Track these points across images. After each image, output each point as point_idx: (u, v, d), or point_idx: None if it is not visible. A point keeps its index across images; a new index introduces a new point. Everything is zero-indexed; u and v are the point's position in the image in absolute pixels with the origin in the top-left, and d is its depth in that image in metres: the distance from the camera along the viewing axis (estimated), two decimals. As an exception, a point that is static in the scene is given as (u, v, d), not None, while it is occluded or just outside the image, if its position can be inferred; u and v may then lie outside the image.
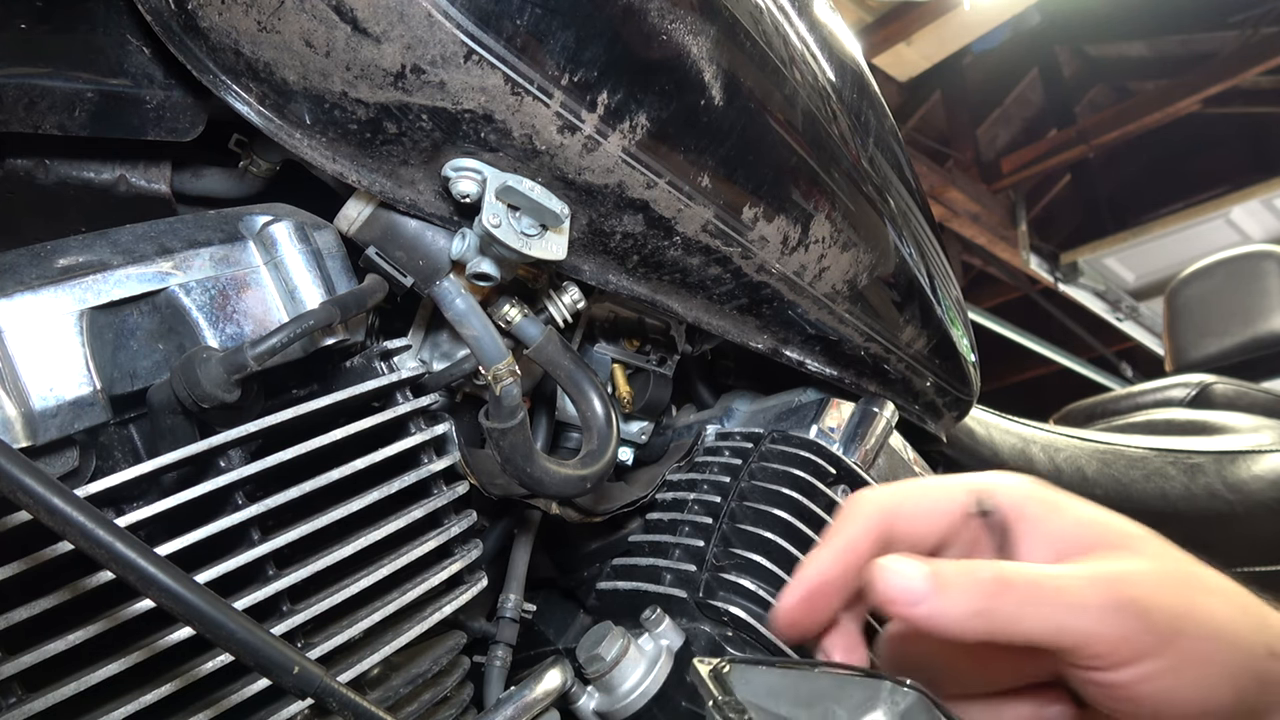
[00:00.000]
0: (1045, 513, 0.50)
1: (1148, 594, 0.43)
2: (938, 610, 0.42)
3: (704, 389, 1.06)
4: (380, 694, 0.59)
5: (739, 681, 0.45)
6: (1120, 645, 0.42)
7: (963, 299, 1.08)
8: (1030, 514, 0.49)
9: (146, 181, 0.65)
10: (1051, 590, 0.43)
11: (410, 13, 0.52)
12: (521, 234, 0.60)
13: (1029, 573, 0.44)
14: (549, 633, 0.90)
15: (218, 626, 0.40)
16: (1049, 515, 0.49)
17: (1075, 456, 1.41)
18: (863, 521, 0.50)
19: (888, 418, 0.91)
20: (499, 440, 0.65)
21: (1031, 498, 0.50)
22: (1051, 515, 0.49)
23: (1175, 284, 2.64)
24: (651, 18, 0.59)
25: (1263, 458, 1.46)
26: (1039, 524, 0.49)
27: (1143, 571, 0.45)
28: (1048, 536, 0.49)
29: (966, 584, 0.43)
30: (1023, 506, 0.50)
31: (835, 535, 0.49)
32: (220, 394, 0.52)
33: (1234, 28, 4.68)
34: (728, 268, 0.74)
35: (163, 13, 0.54)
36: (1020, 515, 0.50)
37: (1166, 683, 0.43)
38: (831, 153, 0.77)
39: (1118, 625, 0.42)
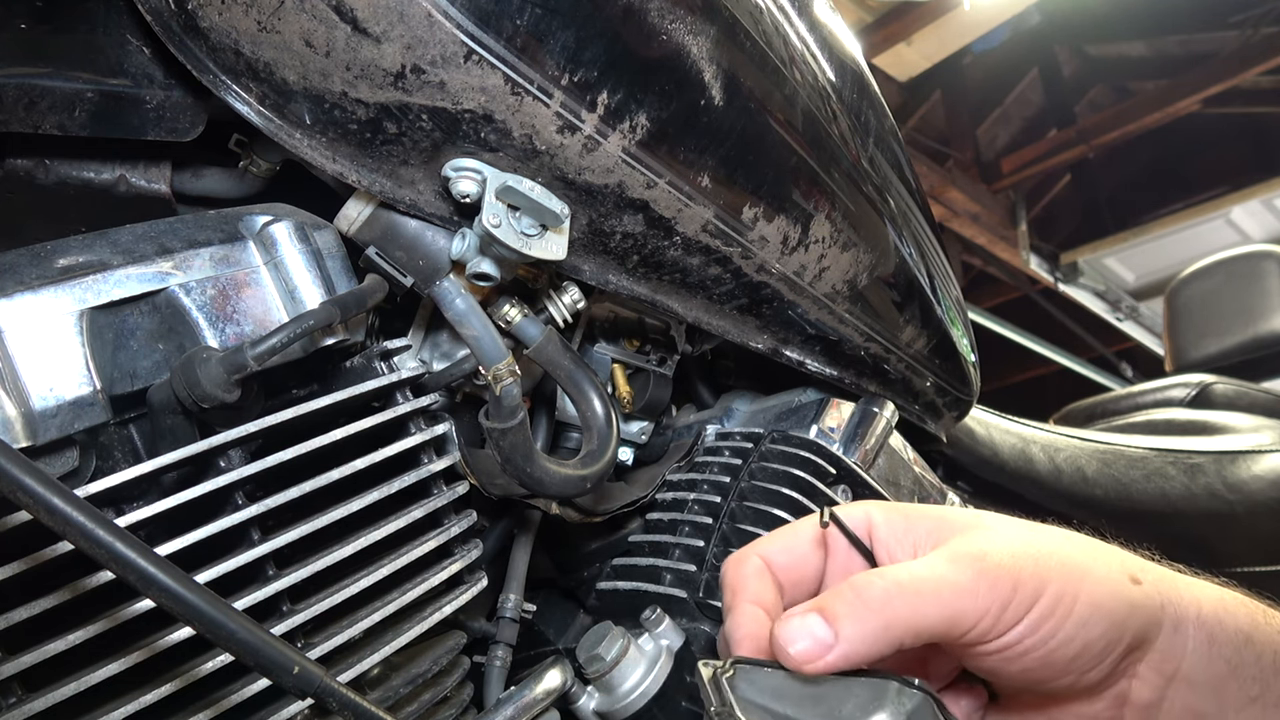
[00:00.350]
0: (895, 517, 0.53)
1: (1007, 556, 0.46)
2: (850, 646, 0.44)
3: (704, 389, 1.06)
4: (380, 694, 0.59)
5: (744, 682, 0.45)
6: (1002, 612, 0.45)
7: (963, 299, 1.08)
8: (881, 522, 0.53)
9: (146, 181, 0.65)
10: (932, 584, 0.45)
11: (410, 13, 0.52)
12: (521, 234, 0.60)
13: (905, 574, 0.46)
14: (549, 633, 0.90)
15: (218, 626, 0.40)
16: (898, 519, 0.53)
17: (1075, 456, 1.41)
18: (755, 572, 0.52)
19: (888, 418, 0.91)
20: (499, 440, 0.65)
21: (878, 508, 0.54)
22: (900, 519, 0.53)
23: (1175, 284, 2.64)
24: (651, 18, 0.59)
25: (1263, 458, 1.46)
26: (892, 529, 0.52)
27: (996, 541, 0.48)
28: (902, 538, 0.52)
29: (860, 608, 0.45)
30: (872, 517, 0.53)
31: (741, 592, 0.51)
32: (220, 394, 0.52)
33: (1234, 28, 4.68)
34: (728, 268, 0.74)
35: (163, 13, 0.54)
36: (874, 524, 0.53)
37: (1045, 630, 0.45)
38: (831, 153, 0.77)
39: (996, 593, 0.45)
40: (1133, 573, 0.48)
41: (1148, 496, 1.39)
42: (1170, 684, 0.48)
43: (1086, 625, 0.45)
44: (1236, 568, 1.38)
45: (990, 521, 0.51)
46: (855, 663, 0.44)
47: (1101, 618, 0.45)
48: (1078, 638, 0.45)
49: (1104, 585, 0.46)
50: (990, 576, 0.45)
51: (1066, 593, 0.45)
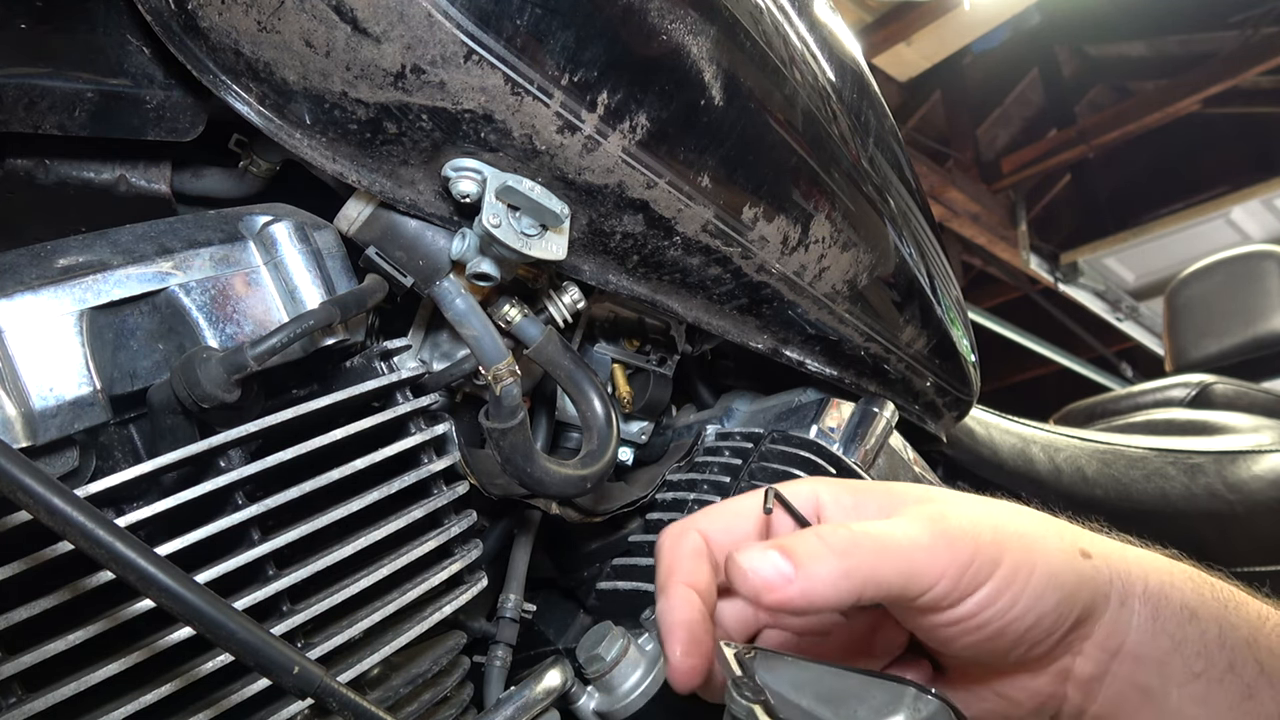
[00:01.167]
0: (843, 492, 0.51)
1: (967, 523, 0.46)
2: (809, 584, 0.43)
3: (704, 389, 1.06)
4: (380, 694, 0.59)
5: (763, 669, 0.45)
6: (961, 576, 0.44)
7: (963, 299, 1.08)
8: (830, 499, 0.51)
9: (146, 181, 0.65)
10: (895, 539, 0.44)
11: (410, 13, 0.52)
12: (521, 234, 0.60)
13: (872, 526, 0.45)
14: (549, 633, 0.90)
15: (218, 626, 0.40)
16: (847, 493, 0.51)
17: (1075, 456, 1.41)
18: (690, 549, 0.50)
19: (888, 418, 0.91)
20: (499, 440, 0.65)
21: (825, 484, 0.52)
22: (849, 493, 0.51)
23: (1175, 284, 2.64)
24: (651, 18, 0.59)
25: (1263, 458, 1.46)
26: (840, 504, 0.51)
27: (955, 510, 0.47)
28: (851, 511, 0.50)
29: (823, 550, 0.43)
30: (820, 493, 0.51)
31: (674, 572, 0.49)
32: (220, 394, 0.52)
33: (1234, 28, 4.68)
34: (728, 268, 0.74)
35: (163, 13, 0.54)
36: (822, 503, 0.51)
37: (1004, 601, 0.45)
38: (831, 153, 0.77)
39: (955, 555, 0.44)
40: (1083, 546, 0.48)
41: (1148, 496, 1.39)
42: (1114, 658, 0.48)
43: (1041, 598, 0.45)
44: (1236, 568, 1.37)
45: (940, 494, 0.50)
46: (814, 604, 0.43)
47: (1054, 589, 0.45)
48: (1033, 610, 0.45)
49: (1057, 557, 0.46)
50: (949, 538, 0.44)
51: (1023, 564, 0.45)
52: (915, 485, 0.52)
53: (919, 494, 0.50)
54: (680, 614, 0.47)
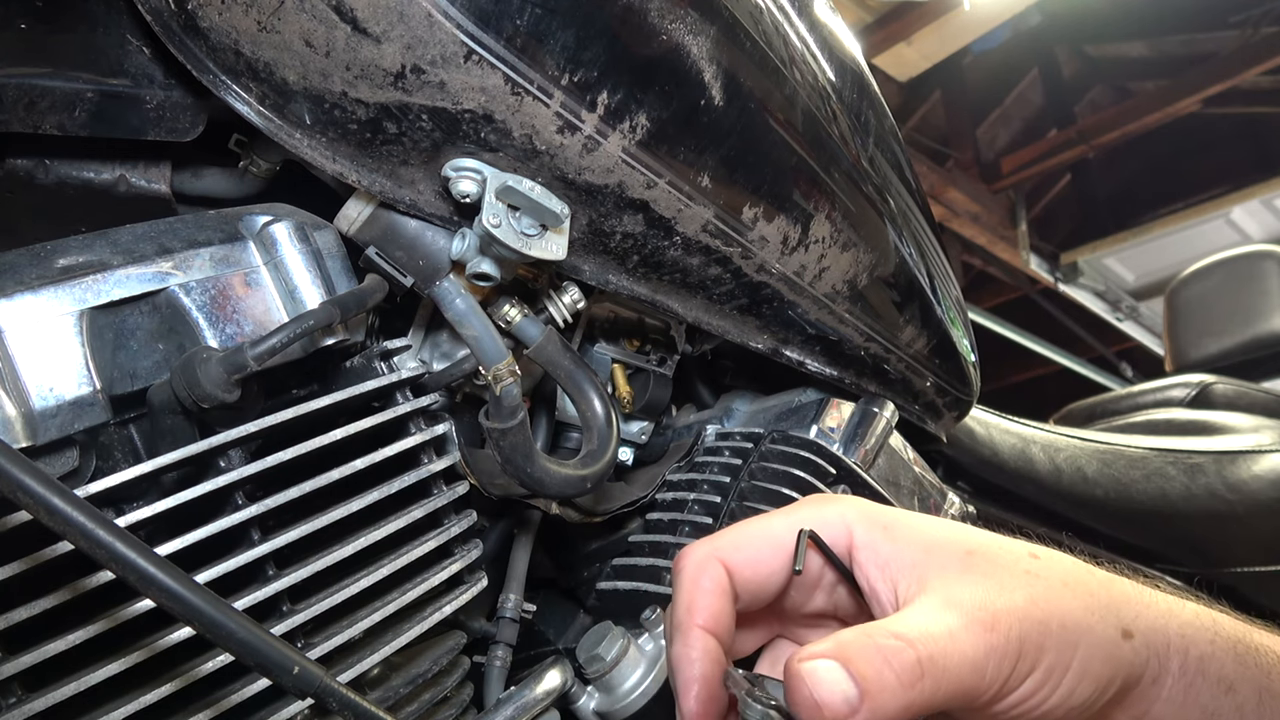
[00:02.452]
0: (879, 538, 0.49)
1: (1016, 623, 0.44)
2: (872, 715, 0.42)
3: (704, 389, 1.06)
4: (380, 694, 0.59)
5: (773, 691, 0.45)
6: (1006, 681, 0.44)
7: (963, 299, 1.08)
8: (864, 541, 0.49)
9: (146, 181, 0.65)
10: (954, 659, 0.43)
11: (410, 13, 0.52)
12: (521, 234, 0.60)
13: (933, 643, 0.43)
14: (549, 633, 0.90)
15: (218, 626, 0.40)
16: (883, 539, 0.49)
17: (1075, 456, 1.41)
18: (712, 584, 0.48)
19: (888, 418, 0.91)
20: (499, 440, 0.65)
21: (862, 521, 0.50)
22: (885, 539, 0.49)
23: (1175, 284, 2.64)
24: (651, 18, 0.59)
25: (1263, 458, 1.46)
26: (875, 552, 0.49)
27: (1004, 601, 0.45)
28: (886, 563, 0.48)
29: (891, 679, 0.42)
30: (855, 533, 0.50)
31: (692, 612, 0.48)
32: (220, 394, 0.52)
33: (1234, 28, 4.68)
34: (728, 268, 0.74)
35: (163, 13, 0.54)
36: (855, 544, 0.50)
37: (1038, 698, 0.44)
38: (831, 153, 0.77)
39: (1003, 669, 0.43)
40: (1126, 625, 0.47)
41: (1148, 496, 1.39)
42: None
43: (1074, 694, 0.45)
44: (1236, 568, 1.38)
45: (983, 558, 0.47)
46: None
47: (1089, 685, 0.45)
48: (1066, 702, 0.45)
49: (1098, 649, 0.45)
50: (999, 652, 0.43)
51: (1061, 664, 0.44)
52: (957, 532, 0.49)
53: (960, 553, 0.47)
54: (700, 668, 0.46)
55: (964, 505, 1.00)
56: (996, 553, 0.48)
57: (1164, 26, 4.97)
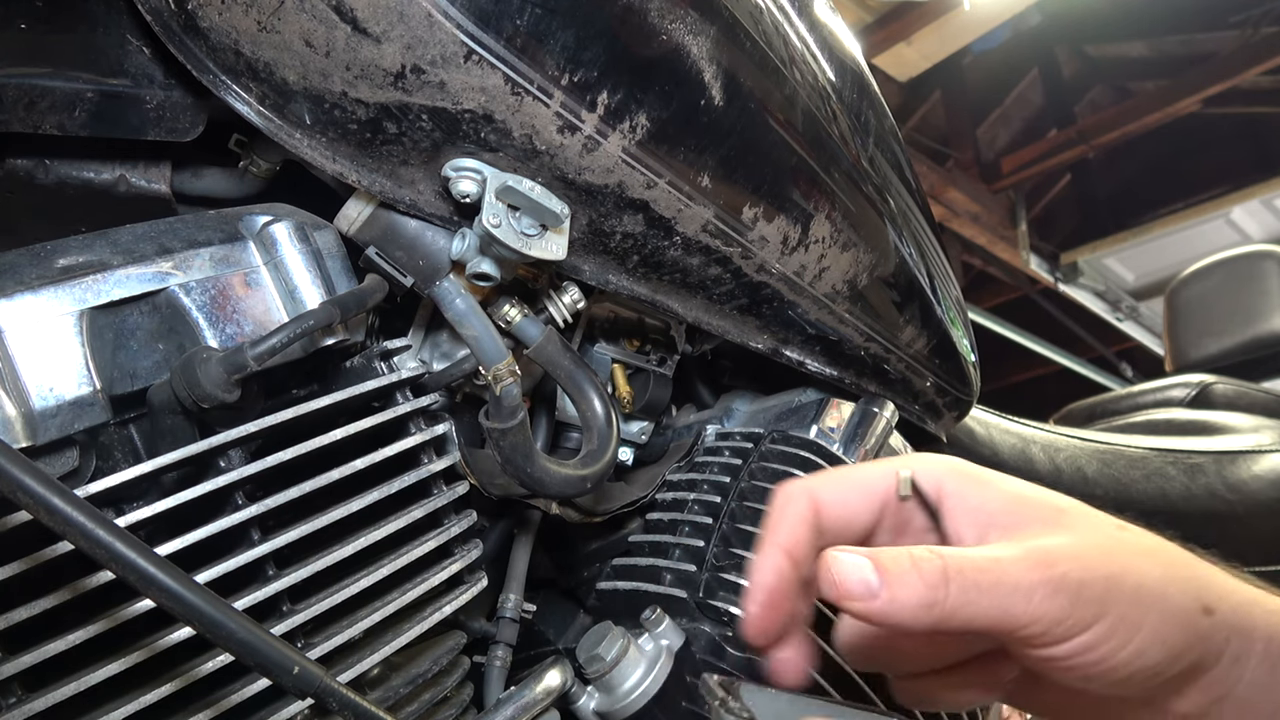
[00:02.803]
0: (970, 488, 0.50)
1: (1078, 568, 0.45)
2: (890, 605, 0.43)
3: (704, 389, 1.06)
4: (380, 694, 0.59)
5: (748, 698, 0.45)
6: (1056, 624, 0.44)
7: (963, 299, 1.08)
8: (953, 490, 0.51)
9: (146, 181, 0.65)
10: (991, 577, 0.44)
11: (410, 13, 0.52)
12: (521, 234, 0.60)
13: (968, 560, 0.45)
14: (549, 633, 0.90)
15: (218, 626, 0.40)
16: (974, 490, 0.50)
17: (1075, 456, 1.41)
18: (796, 513, 0.51)
19: (888, 418, 0.91)
20: (499, 440, 0.65)
21: (954, 473, 0.51)
22: (976, 490, 0.50)
23: (1175, 284, 2.64)
24: (651, 18, 0.59)
25: (1263, 458, 1.45)
26: (964, 500, 0.50)
27: (1071, 546, 0.46)
28: (974, 512, 0.50)
29: (914, 578, 0.44)
30: (945, 483, 0.51)
31: (774, 532, 0.51)
32: (220, 394, 0.52)
33: (1234, 28, 4.68)
34: (728, 268, 0.74)
35: (163, 13, 0.54)
36: (944, 493, 0.51)
37: (1100, 652, 0.44)
38: (831, 153, 0.77)
39: (1053, 605, 0.43)
40: (1207, 602, 0.46)
41: (1148, 496, 1.39)
42: (1216, 704, 0.47)
43: (1143, 655, 0.44)
44: (1236, 568, 1.38)
45: (1073, 517, 0.48)
46: (893, 624, 0.44)
47: (1159, 650, 0.44)
48: (1132, 664, 0.44)
49: (1173, 617, 0.45)
50: (1051, 585, 0.44)
51: (1129, 622, 0.44)
52: (1047, 495, 0.50)
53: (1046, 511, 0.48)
54: (763, 576, 0.49)
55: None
56: (1086, 513, 0.49)
57: (1164, 26, 4.97)
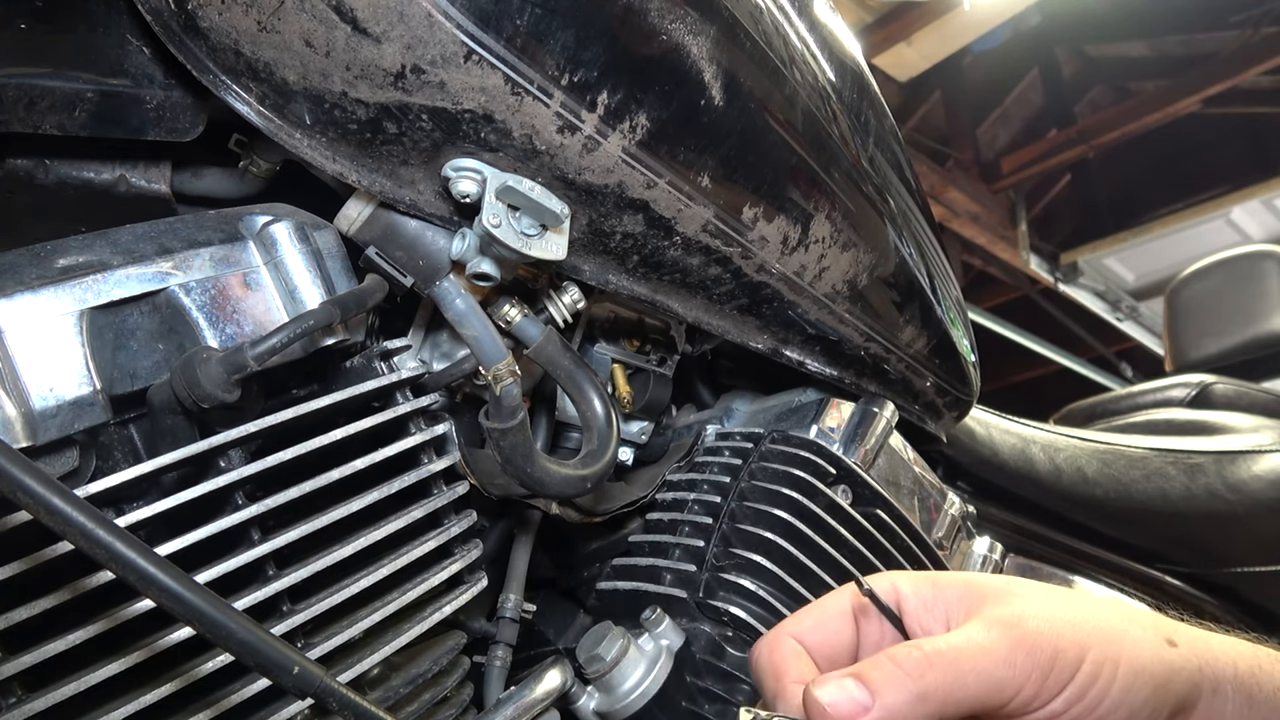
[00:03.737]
0: (923, 586, 0.51)
1: (1044, 623, 0.45)
2: (886, 713, 0.43)
3: (704, 389, 1.06)
4: (380, 694, 0.59)
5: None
6: (1045, 679, 0.44)
7: (963, 299, 1.08)
8: (910, 592, 0.51)
9: (146, 181, 0.65)
10: (970, 653, 0.44)
11: (410, 13, 0.52)
12: (521, 234, 0.60)
13: (945, 642, 0.45)
14: (549, 633, 0.90)
15: (218, 626, 0.40)
16: (927, 588, 0.51)
17: (1075, 456, 1.41)
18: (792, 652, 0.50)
19: (888, 418, 0.91)
20: (499, 440, 0.65)
21: (906, 577, 0.52)
22: (928, 587, 0.51)
23: (1175, 284, 2.64)
24: (651, 18, 0.59)
25: (1263, 458, 1.45)
26: (921, 598, 0.51)
27: (1033, 609, 0.46)
28: (932, 607, 0.50)
29: (899, 676, 0.43)
30: (900, 587, 0.52)
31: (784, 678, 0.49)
32: (220, 394, 0.52)
33: (1234, 28, 4.68)
34: (728, 268, 0.74)
35: (163, 13, 0.54)
36: (902, 595, 0.52)
37: (1093, 696, 0.44)
38: (831, 153, 0.77)
39: (1035, 663, 0.44)
40: (1167, 635, 0.47)
41: (1148, 496, 1.39)
42: None
43: (1131, 691, 0.44)
44: (1236, 568, 1.38)
45: (1020, 588, 0.49)
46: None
47: (1145, 683, 0.45)
48: (1123, 705, 0.44)
49: (1143, 649, 0.45)
50: (1028, 644, 0.44)
51: (1108, 658, 0.44)
52: (993, 578, 0.52)
53: (996, 588, 0.49)
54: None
55: (964, 505, 1.00)
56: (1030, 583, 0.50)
57: (1164, 26, 4.97)
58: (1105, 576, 1.33)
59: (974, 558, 1.01)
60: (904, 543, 0.87)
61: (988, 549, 1.02)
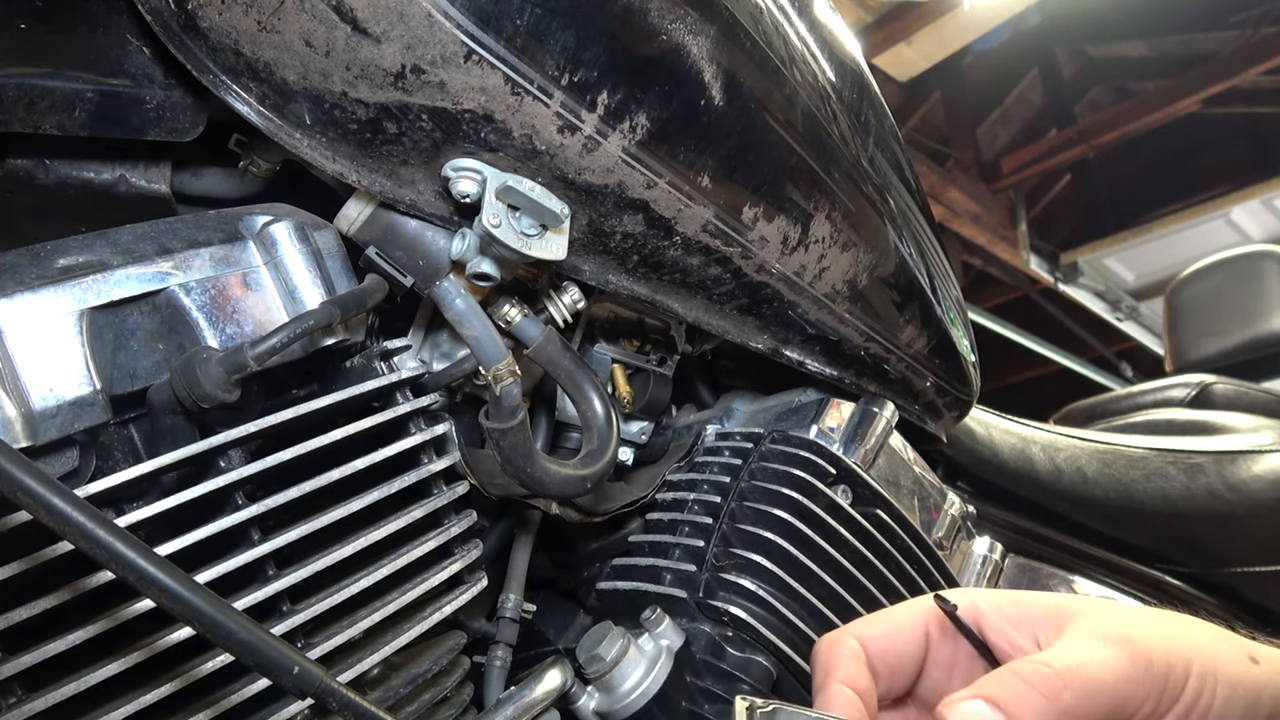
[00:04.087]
0: (1004, 603, 0.50)
1: (1156, 642, 0.44)
2: None
3: (704, 389, 1.06)
4: (380, 694, 0.59)
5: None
6: (1160, 696, 0.43)
7: (963, 299, 1.08)
8: (990, 610, 0.50)
9: (146, 181, 0.65)
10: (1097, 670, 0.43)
11: (410, 13, 0.52)
12: (521, 234, 0.60)
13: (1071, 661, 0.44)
14: (549, 633, 0.90)
15: (218, 626, 0.40)
16: (1009, 604, 0.50)
17: (1075, 456, 1.41)
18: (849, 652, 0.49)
19: (888, 418, 0.91)
20: (499, 440, 0.65)
21: (981, 596, 0.51)
22: (1010, 604, 0.50)
23: (1175, 284, 2.64)
24: (651, 18, 0.59)
25: (1263, 458, 1.45)
26: (1005, 615, 0.50)
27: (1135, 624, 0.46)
28: (1019, 627, 0.49)
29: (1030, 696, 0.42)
30: (978, 605, 0.51)
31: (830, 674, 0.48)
32: (220, 394, 0.52)
33: (1234, 28, 4.68)
34: (728, 268, 0.74)
35: (163, 13, 0.54)
36: (981, 613, 0.50)
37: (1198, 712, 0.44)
38: (831, 153, 0.77)
39: (1152, 678, 0.43)
40: (1249, 652, 0.47)
41: (1148, 496, 1.39)
42: None
43: (1230, 705, 0.44)
44: (1236, 568, 1.38)
45: (1104, 605, 0.49)
46: None
47: (1240, 698, 0.44)
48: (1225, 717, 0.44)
49: (1234, 665, 0.45)
50: (1145, 660, 0.43)
51: (1209, 673, 0.44)
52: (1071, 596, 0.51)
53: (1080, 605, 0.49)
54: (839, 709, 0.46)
55: (964, 505, 1.00)
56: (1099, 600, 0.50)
57: (1164, 26, 4.98)
58: (1105, 576, 1.33)
59: (974, 558, 1.01)
60: (904, 543, 0.87)
61: (988, 549, 1.02)
